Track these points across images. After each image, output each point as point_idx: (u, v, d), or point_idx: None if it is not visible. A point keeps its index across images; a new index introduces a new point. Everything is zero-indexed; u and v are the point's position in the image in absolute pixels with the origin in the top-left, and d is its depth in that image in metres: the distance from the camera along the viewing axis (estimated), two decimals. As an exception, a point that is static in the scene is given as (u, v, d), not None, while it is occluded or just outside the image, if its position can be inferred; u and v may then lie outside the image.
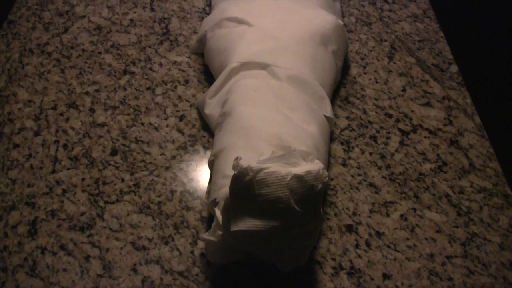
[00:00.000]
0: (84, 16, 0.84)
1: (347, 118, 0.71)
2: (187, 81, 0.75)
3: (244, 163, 0.45)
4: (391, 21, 0.86)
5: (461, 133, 0.71)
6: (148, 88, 0.73)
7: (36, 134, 0.68)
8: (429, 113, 0.73)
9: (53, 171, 0.64)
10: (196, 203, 0.62)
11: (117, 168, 0.65)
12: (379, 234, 0.60)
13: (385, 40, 0.83)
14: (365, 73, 0.77)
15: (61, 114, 0.70)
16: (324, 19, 0.68)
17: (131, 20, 0.84)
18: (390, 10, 0.89)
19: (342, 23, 0.70)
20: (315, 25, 0.67)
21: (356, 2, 0.90)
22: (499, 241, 0.60)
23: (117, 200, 0.62)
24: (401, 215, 0.62)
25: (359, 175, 0.65)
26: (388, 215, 0.62)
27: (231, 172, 0.47)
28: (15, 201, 0.61)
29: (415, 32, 0.85)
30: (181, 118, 0.70)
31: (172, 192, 0.63)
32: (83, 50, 0.79)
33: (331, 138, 0.68)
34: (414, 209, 0.63)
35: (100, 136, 0.68)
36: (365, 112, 0.72)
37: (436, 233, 0.61)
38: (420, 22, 0.87)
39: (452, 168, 0.67)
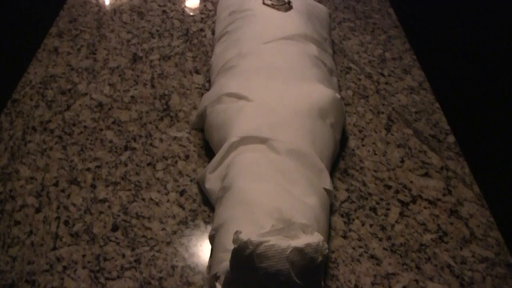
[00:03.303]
0: (86, 94, 0.86)
1: (347, 190, 0.72)
2: (187, 156, 0.75)
3: (244, 236, 0.46)
4: (387, 94, 0.88)
5: (460, 203, 0.71)
6: (149, 164, 0.74)
7: (38, 210, 0.68)
8: (428, 184, 0.73)
9: (54, 248, 0.64)
10: (197, 278, 0.62)
11: (118, 244, 0.65)
12: (382, 307, 0.60)
13: (382, 112, 0.84)
14: (363, 145, 0.78)
15: (63, 191, 0.70)
16: (321, 93, 0.70)
17: (132, 97, 0.85)
18: (386, 83, 0.90)
19: (339, 96, 0.72)
20: (313, 99, 0.69)
21: (353, 76, 0.92)
22: (504, 312, 0.60)
23: (118, 276, 0.61)
24: (404, 287, 0.62)
25: (360, 247, 0.65)
26: (390, 287, 0.61)
27: (231, 246, 0.47)
28: (14, 279, 0.61)
29: (412, 103, 0.86)
30: (182, 193, 0.70)
31: (173, 267, 0.62)
32: (85, 127, 0.80)
33: (331, 211, 0.68)
34: (416, 281, 0.62)
35: (101, 212, 0.68)
36: (364, 184, 0.73)
37: (440, 305, 0.60)
38: (416, 94, 0.88)
39: (453, 238, 0.67)
